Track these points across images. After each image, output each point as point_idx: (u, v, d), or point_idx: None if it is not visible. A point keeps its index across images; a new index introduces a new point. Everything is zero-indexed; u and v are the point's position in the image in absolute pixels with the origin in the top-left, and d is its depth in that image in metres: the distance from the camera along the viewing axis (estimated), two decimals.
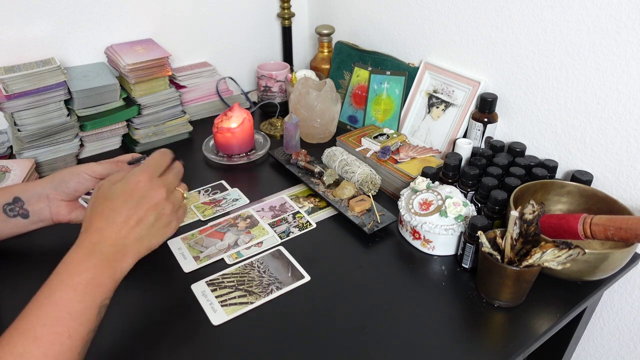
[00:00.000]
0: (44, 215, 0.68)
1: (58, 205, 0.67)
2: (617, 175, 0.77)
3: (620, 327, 0.86)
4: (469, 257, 0.69)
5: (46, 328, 0.46)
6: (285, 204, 0.85)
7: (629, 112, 0.73)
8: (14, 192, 0.66)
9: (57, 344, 0.46)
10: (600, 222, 0.62)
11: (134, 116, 0.99)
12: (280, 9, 1.25)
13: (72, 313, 0.47)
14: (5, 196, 0.66)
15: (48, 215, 0.68)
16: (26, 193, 0.66)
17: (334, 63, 1.18)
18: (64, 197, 0.67)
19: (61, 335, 0.46)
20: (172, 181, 0.61)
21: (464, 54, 0.95)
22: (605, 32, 0.72)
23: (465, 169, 0.78)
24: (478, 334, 0.61)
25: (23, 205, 0.66)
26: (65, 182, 0.67)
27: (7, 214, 0.66)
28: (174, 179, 0.62)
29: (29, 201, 0.66)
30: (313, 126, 1.03)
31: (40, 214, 0.67)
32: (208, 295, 0.66)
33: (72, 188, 0.67)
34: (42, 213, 0.67)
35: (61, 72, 0.90)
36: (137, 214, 0.56)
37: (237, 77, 1.25)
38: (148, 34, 1.10)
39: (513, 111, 0.90)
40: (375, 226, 0.77)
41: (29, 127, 0.90)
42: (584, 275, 0.66)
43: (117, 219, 0.55)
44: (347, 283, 0.68)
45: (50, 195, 0.67)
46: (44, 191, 0.66)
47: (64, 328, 0.46)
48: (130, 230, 0.55)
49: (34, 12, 0.96)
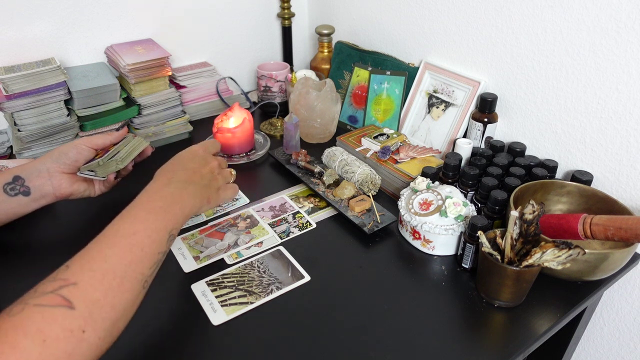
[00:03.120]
0: (46, 190, 0.69)
1: (60, 178, 0.69)
2: (617, 175, 0.77)
3: (620, 327, 0.86)
4: (469, 257, 0.69)
5: (124, 238, 0.51)
6: (285, 204, 0.85)
7: (629, 112, 0.73)
8: (14, 172, 0.67)
9: (130, 252, 0.50)
10: (600, 222, 0.62)
11: (134, 116, 0.99)
12: (280, 9, 1.25)
13: (147, 229, 0.53)
14: (4, 176, 0.67)
15: (50, 190, 0.69)
16: (26, 171, 0.68)
17: (334, 63, 1.18)
18: (65, 169, 0.70)
19: (135, 246, 0.51)
20: (221, 160, 0.74)
21: (464, 54, 0.95)
22: (605, 32, 0.72)
23: (465, 169, 0.78)
24: (478, 334, 0.61)
25: (24, 183, 0.67)
26: (65, 154, 0.70)
27: (7, 193, 0.66)
28: (223, 161, 0.74)
29: (29, 178, 0.67)
30: (313, 126, 1.03)
31: (41, 189, 0.69)
32: (208, 295, 0.66)
33: (72, 158, 0.71)
34: (43, 188, 0.69)
35: (61, 72, 0.90)
36: (198, 169, 0.66)
37: (237, 77, 1.25)
38: (148, 34, 1.10)
39: (513, 111, 0.90)
40: (375, 226, 0.77)
41: (29, 127, 0.90)
42: (584, 275, 0.66)
43: (187, 165, 0.66)
44: (347, 283, 0.68)
45: (51, 169, 0.69)
46: (44, 166, 0.69)
47: (138, 240, 0.52)
48: (194, 176, 0.64)
49: (34, 12, 0.96)
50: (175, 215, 0.58)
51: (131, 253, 0.50)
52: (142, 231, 0.53)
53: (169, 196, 0.58)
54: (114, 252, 0.49)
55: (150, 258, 0.52)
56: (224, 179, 0.71)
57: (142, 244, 0.52)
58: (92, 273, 0.47)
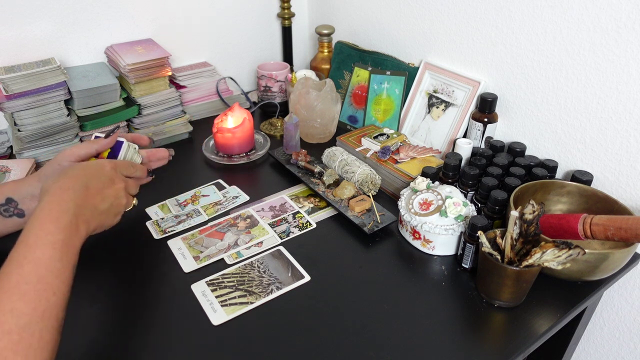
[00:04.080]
0: None
1: None
2: (617, 175, 0.77)
3: (620, 327, 0.86)
4: (469, 257, 0.69)
5: (31, 285, 0.46)
6: (285, 204, 0.85)
7: (629, 112, 0.73)
8: (5, 193, 0.66)
9: (44, 300, 0.46)
10: (600, 222, 0.62)
11: (134, 116, 0.99)
12: (280, 9, 1.25)
13: (53, 271, 0.48)
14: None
15: None
16: (18, 193, 0.67)
17: (334, 63, 1.18)
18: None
19: (46, 291, 0.47)
20: (131, 185, 0.67)
21: (464, 54, 0.95)
22: (605, 32, 0.72)
23: (465, 169, 0.78)
24: (478, 334, 0.61)
25: (17, 206, 0.67)
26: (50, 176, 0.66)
27: (2, 214, 0.66)
28: (133, 184, 0.68)
29: (22, 201, 0.67)
30: (313, 126, 1.03)
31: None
32: (208, 295, 0.66)
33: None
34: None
35: (61, 72, 0.90)
36: (102, 189, 0.60)
37: (237, 77, 1.25)
38: (148, 34, 1.10)
39: (513, 111, 0.90)
40: (375, 226, 0.77)
41: (29, 127, 0.90)
42: (584, 275, 0.66)
43: (87, 184, 0.58)
44: (347, 283, 0.68)
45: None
46: (35, 190, 0.66)
47: (47, 285, 0.47)
48: (93, 198, 0.58)
49: (34, 12, 0.96)
50: (75, 247, 0.53)
51: (46, 301, 0.46)
52: (49, 275, 0.47)
53: (69, 227, 0.52)
54: (26, 304, 0.44)
55: (62, 299, 0.48)
56: (125, 204, 0.65)
57: (53, 288, 0.47)
58: (9, 337, 0.42)
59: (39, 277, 0.47)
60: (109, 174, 0.62)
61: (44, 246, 0.49)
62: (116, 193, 0.62)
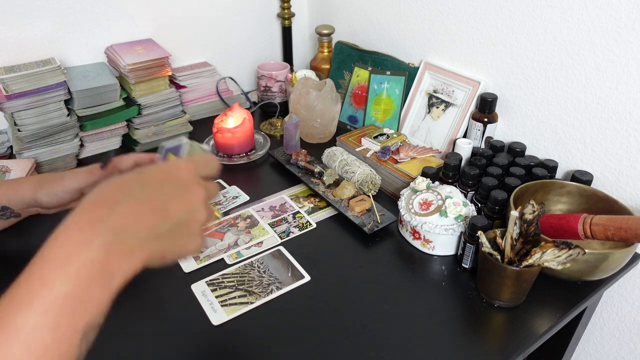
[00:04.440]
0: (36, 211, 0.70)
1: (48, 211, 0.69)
2: (617, 175, 0.77)
3: (620, 327, 0.86)
4: (469, 257, 0.69)
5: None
6: (285, 204, 0.85)
7: (629, 112, 0.73)
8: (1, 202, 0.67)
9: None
10: (600, 222, 0.62)
11: (134, 116, 0.99)
12: (280, 9, 1.25)
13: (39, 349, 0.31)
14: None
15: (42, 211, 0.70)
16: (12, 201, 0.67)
17: (334, 63, 1.18)
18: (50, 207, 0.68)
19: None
20: (212, 190, 0.44)
21: (464, 54, 0.95)
22: (605, 32, 0.72)
23: (465, 169, 0.78)
24: (478, 334, 0.61)
25: (14, 211, 0.68)
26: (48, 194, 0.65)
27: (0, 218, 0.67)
28: (214, 190, 0.45)
29: (17, 207, 0.68)
30: (313, 126, 1.03)
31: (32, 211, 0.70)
32: (208, 295, 0.66)
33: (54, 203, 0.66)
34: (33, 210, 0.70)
35: (61, 72, 0.90)
36: (167, 200, 0.38)
37: (237, 77, 1.25)
38: (148, 34, 1.10)
39: (513, 111, 0.90)
40: (375, 226, 0.77)
41: (29, 127, 0.90)
42: (584, 275, 0.66)
43: (141, 195, 0.37)
44: (347, 283, 0.68)
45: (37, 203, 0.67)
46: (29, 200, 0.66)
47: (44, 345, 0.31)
48: (150, 218, 0.37)
49: (34, 12, 0.96)
50: (94, 302, 0.34)
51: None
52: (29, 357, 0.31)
53: (86, 268, 0.33)
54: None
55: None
56: (205, 219, 0.42)
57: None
58: None
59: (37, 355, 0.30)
60: (184, 178, 0.41)
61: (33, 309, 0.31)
62: (191, 206, 0.40)
